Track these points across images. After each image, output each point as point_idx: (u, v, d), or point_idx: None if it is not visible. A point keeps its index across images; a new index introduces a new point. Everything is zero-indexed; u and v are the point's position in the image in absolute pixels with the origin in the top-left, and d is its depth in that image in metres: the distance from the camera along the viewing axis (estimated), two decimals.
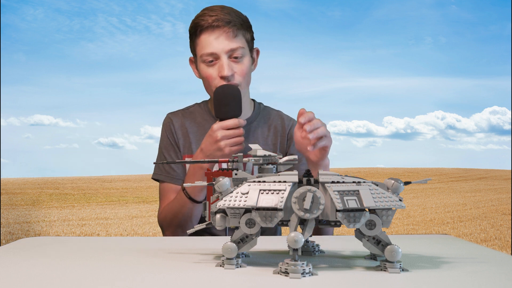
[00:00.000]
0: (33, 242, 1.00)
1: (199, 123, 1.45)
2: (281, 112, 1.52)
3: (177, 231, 1.34)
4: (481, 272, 0.72)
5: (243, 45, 1.34)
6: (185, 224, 1.32)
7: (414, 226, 6.61)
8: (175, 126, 1.45)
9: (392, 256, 0.71)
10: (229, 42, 1.31)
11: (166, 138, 1.46)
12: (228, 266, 0.73)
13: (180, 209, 1.31)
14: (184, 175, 1.41)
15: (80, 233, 6.04)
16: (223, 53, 1.30)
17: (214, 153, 1.24)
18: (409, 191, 11.30)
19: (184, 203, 1.30)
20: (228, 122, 1.24)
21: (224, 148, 1.23)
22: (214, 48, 1.31)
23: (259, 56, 1.45)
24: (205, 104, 1.49)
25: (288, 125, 1.48)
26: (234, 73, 1.32)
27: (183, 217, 1.31)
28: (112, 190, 12.81)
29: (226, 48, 1.30)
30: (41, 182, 14.91)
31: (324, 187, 0.71)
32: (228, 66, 1.30)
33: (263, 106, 1.51)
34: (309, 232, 0.70)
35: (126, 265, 0.76)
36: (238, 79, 1.33)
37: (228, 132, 1.23)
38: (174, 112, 1.50)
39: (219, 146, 1.23)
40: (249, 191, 0.71)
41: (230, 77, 1.31)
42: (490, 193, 11.25)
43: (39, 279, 0.68)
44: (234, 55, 1.32)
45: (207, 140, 1.25)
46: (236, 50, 1.31)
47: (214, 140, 1.23)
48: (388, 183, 0.73)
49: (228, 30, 1.31)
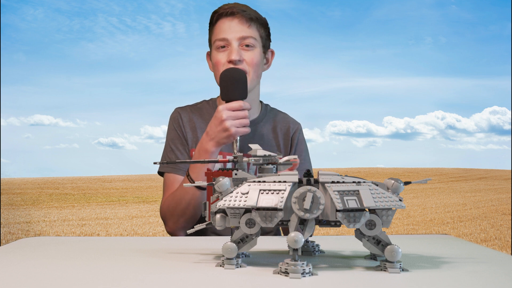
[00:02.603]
0: (33, 242, 1.00)
1: (206, 120, 1.45)
2: (287, 115, 1.52)
3: (180, 221, 1.33)
4: (481, 272, 0.72)
5: (255, 36, 1.36)
6: (188, 213, 1.31)
7: (414, 226, 6.61)
8: (183, 120, 1.45)
9: (392, 256, 0.71)
10: (241, 29, 1.34)
11: (174, 130, 1.45)
12: (228, 266, 0.73)
13: (183, 195, 1.30)
14: (189, 167, 1.41)
15: (80, 233, 6.04)
16: (234, 40, 1.33)
17: (219, 135, 1.23)
18: (409, 191, 11.30)
19: (187, 189, 1.29)
20: (233, 104, 1.23)
21: (230, 128, 1.21)
22: (227, 33, 1.34)
23: (273, 58, 1.46)
24: (214, 102, 1.50)
25: (293, 128, 1.49)
26: (243, 60, 1.33)
27: (186, 204, 1.30)
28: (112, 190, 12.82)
29: (238, 35, 1.33)
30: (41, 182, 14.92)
31: (324, 187, 0.71)
32: (237, 52, 1.32)
33: (270, 107, 1.52)
34: (309, 232, 0.70)
35: (126, 265, 0.76)
36: (246, 67, 1.34)
37: (234, 113, 1.22)
38: (183, 107, 1.50)
39: (224, 127, 1.22)
40: (249, 191, 0.71)
41: (237, 61, 1.32)
42: (490, 193, 11.26)
43: (39, 279, 0.68)
44: (245, 43, 1.34)
45: (213, 122, 1.25)
46: (247, 38, 1.34)
47: (219, 120, 1.22)
48: (388, 183, 0.73)
49: (242, 18, 1.34)
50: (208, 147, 1.25)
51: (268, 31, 1.42)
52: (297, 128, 1.49)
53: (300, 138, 1.50)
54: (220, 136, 1.23)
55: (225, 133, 1.22)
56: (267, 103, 1.52)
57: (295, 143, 1.48)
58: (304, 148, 1.49)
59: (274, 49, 1.46)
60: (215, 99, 1.50)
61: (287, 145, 1.47)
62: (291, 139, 1.47)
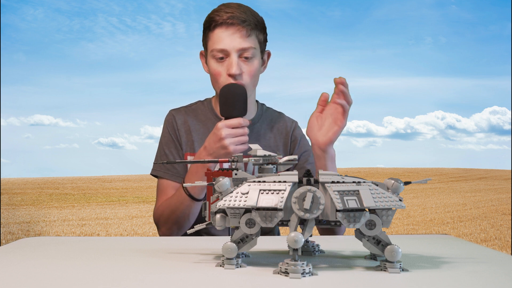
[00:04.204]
0: (33, 242, 1.00)
1: (202, 121, 1.45)
2: (283, 114, 1.52)
3: (173, 228, 1.33)
4: (481, 272, 0.72)
5: (255, 45, 1.34)
6: (182, 221, 1.31)
7: (414, 226, 6.61)
8: (177, 123, 1.44)
9: (392, 256, 0.71)
10: (241, 41, 1.31)
11: (168, 134, 1.45)
12: (228, 266, 0.72)
13: (178, 206, 1.31)
14: (184, 172, 1.40)
15: (80, 233, 6.04)
16: (234, 51, 1.30)
17: (217, 151, 1.23)
18: (409, 191, 11.30)
19: (183, 200, 1.29)
20: (233, 121, 1.23)
21: (228, 146, 1.21)
22: (226, 45, 1.31)
23: (269, 59, 1.45)
24: (209, 102, 1.49)
25: (290, 126, 1.48)
26: (242, 73, 1.32)
27: (181, 214, 1.30)
28: (112, 190, 12.82)
29: (238, 47, 1.31)
30: (41, 182, 14.92)
31: (324, 187, 0.71)
32: (237, 65, 1.30)
33: (266, 107, 1.51)
34: (309, 232, 0.70)
35: (126, 265, 0.76)
36: (246, 79, 1.32)
37: (233, 131, 1.22)
38: (177, 108, 1.49)
39: (223, 144, 1.22)
40: (249, 191, 0.71)
41: (237, 76, 1.31)
42: (490, 193, 11.25)
43: (39, 279, 0.68)
44: (245, 55, 1.32)
45: (211, 138, 1.24)
46: (247, 50, 1.31)
47: (218, 138, 1.22)
48: (388, 183, 0.73)
49: (241, 29, 1.31)
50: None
51: (266, 32, 1.40)
52: (295, 126, 1.49)
53: (301, 133, 1.50)
54: (218, 153, 1.23)
55: (224, 150, 1.22)
56: (263, 103, 1.52)
57: (298, 140, 1.47)
58: (307, 142, 1.49)
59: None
60: (210, 99, 1.49)
61: (286, 144, 1.46)
62: (291, 137, 1.47)
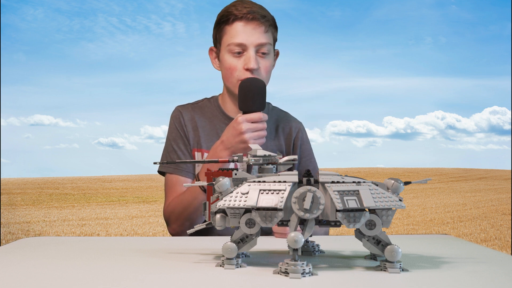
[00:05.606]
0: (33, 242, 1.00)
1: (208, 118, 1.44)
2: (289, 114, 1.52)
3: (185, 224, 1.32)
4: (481, 272, 0.72)
5: (271, 42, 1.35)
6: (195, 217, 1.30)
7: (414, 226, 6.61)
8: (184, 119, 1.44)
9: (392, 256, 0.71)
10: (260, 36, 1.32)
11: (176, 129, 1.44)
12: (228, 266, 0.73)
13: (192, 201, 1.29)
14: (192, 167, 1.40)
15: (80, 233, 6.04)
16: (252, 46, 1.31)
17: (236, 146, 1.22)
18: (409, 191, 11.29)
19: (197, 196, 1.28)
20: (253, 115, 1.22)
21: (248, 141, 1.21)
22: (245, 39, 1.31)
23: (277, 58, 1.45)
24: (215, 100, 1.48)
25: (295, 128, 1.47)
26: (259, 68, 1.32)
27: (194, 210, 1.29)
28: (112, 190, 12.82)
29: (256, 42, 1.31)
30: (41, 182, 14.92)
31: (324, 187, 0.71)
32: (255, 60, 1.31)
33: (272, 106, 1.51)
34: (309, 232, 0.70)
35: (126, 265, 0.76)
36: (262, 74, 1.33)
37: (253, 125, 1.21)
38: (184, 105, 1.49)
39: (242, 139, 1.21)
40: (249, 191, 0.71)
41: (255, 70, 1.31)
42: (490, 193, 11.25)
43: (39, 279, 0.68)
44: (262, 51, 1.32)
45: (230, 132, 1.23)
46: (265, 46, 1.32)
47: (238, 132, 1.21)
48: (388, 183, 0.73)
49: (261, 25, 1.32)
50: (223, 156, 1.24)
51: (277, 31, 1.41)
52: (300, 129, 1.48)
53: (305, 138, 1.49)
54: (237, 147, 1.22)
55: (243, 144, 1.21)
56: (269, 102, 1.51)
57: (298, 144, 1.47)
58: (310, 147, 1.49)
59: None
60: (216, 97, 1.49)
61: (289, 145, 1.46)
62: (294, 140, 1.46)
